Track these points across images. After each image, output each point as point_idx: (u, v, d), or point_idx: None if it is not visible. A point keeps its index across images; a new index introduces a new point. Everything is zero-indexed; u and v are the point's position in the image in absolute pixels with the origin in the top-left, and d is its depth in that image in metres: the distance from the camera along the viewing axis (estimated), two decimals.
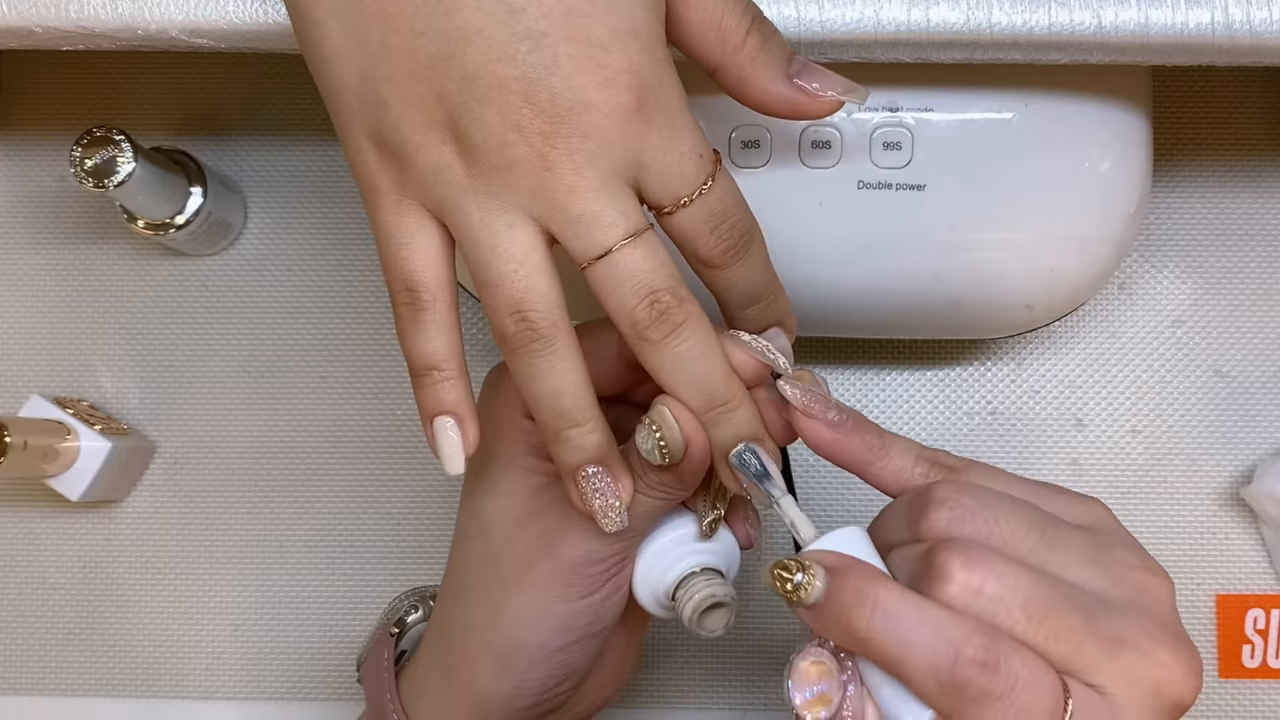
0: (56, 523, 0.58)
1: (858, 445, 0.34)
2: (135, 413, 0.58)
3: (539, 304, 0.31)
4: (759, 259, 0.34)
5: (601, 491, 0.33)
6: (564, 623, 0.36)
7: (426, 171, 0.30)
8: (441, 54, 0.29)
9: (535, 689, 0.37)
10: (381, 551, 0.57)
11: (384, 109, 0.30)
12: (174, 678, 0.57)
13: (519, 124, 0.29)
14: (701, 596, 0.36)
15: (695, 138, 0.31)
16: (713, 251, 0.33)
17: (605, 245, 0.30)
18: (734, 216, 0.33)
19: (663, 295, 0.31)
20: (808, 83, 0.34)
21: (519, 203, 0.30)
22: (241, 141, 0.59)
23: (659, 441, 0.33)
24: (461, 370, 0.33)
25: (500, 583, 0.37)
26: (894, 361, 0.57)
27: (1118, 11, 0.37)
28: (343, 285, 0.58)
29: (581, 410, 0.32)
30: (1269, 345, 0.56)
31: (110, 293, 0.58)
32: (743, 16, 0.33)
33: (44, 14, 0.38)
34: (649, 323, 0.31)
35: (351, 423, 0.58)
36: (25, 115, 0.59)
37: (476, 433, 0.34)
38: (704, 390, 0.32)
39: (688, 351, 0.32)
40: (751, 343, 0.34)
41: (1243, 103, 0.57)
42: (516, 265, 0.31)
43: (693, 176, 0.31)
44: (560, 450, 0.33)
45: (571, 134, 0.30)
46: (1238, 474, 0.56)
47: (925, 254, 0.44)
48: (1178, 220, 0.57)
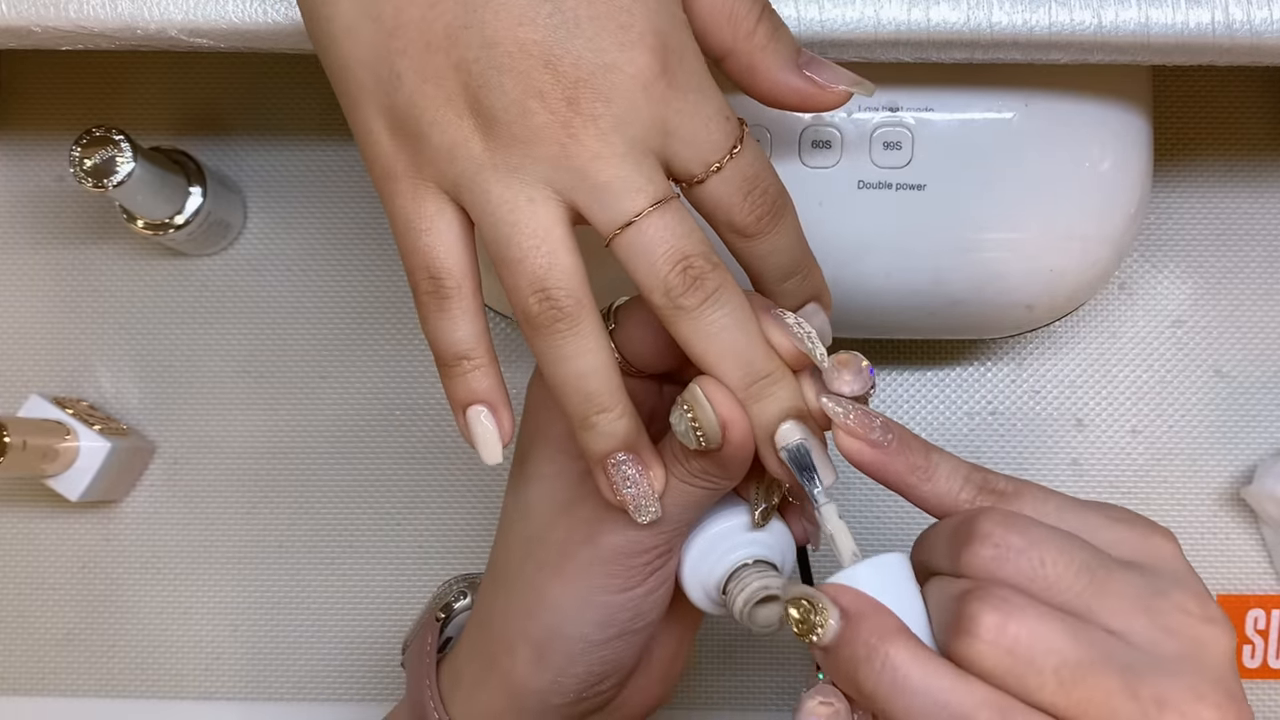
0: (56, 523, 0.58)
1: (902, 467, 0.31)
2: (135, 413, 0.58)
3: (563, 281, 0.30)
4: (793, 227, 0.33)
5: (632, 481, 0.32)
6: (604, 615, 0.35)
7: (443, 149, 0.29)
8: (460, 22, 0.28)
9: (574, 685, 0.36)
10: (381, 551, 0.57)
11: (398, 84, 0.29)
12: (174, 678, 0.57)
13: (540, 90, 0.28)
14: (754, 589, 0.34)
15: (720, 101, 0.31)
16: (748, 219, 0.31)
17: (632, 212, 0.29)
18: (765, 180, 0.32)
19: (696, 260, 0.30)
20: (816, 74, 0.33)
21: (541, 175, 0.29)
22: (241, 141, 0.59)
23: (692, 423, 0.31)
24: (491, 357, 0.32)
25: (540, 569, 0.35)
26: (894, 361, 0.57)
27: (1118, 11, 0.37)
28: (343, 285, 0.58)
29: (609, 394, 0.31)
30: (1269, 345, 0.56)
31: (110, 293, 0.58)
32: (754, 4, 0.32)
33: (44, 14, 0.38)
34: (683, 289, 0.30)
35: (351, 423, 0.58)
36: (25, 115, 0.59)
37: (512, 420, 0.32)
38: (743, 361, 0.31)
39: (724, 318, 0.30)
40: (794, 326, 0.32)
41: (1243, 103, 0.57)
42: (539, 241, 0.29)
43: (722, 141, 0.30)
44: (588, 437, 0.31)
45: (596, 98, 0.29)
46: (1238, 474, 0.56)
47: (925, 254, 0.44)
48: (1178, 220, 0.57)
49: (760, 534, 0.35)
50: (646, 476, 0.32)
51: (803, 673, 0.55)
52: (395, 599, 0.57)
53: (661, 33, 0.29)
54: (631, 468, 0.32)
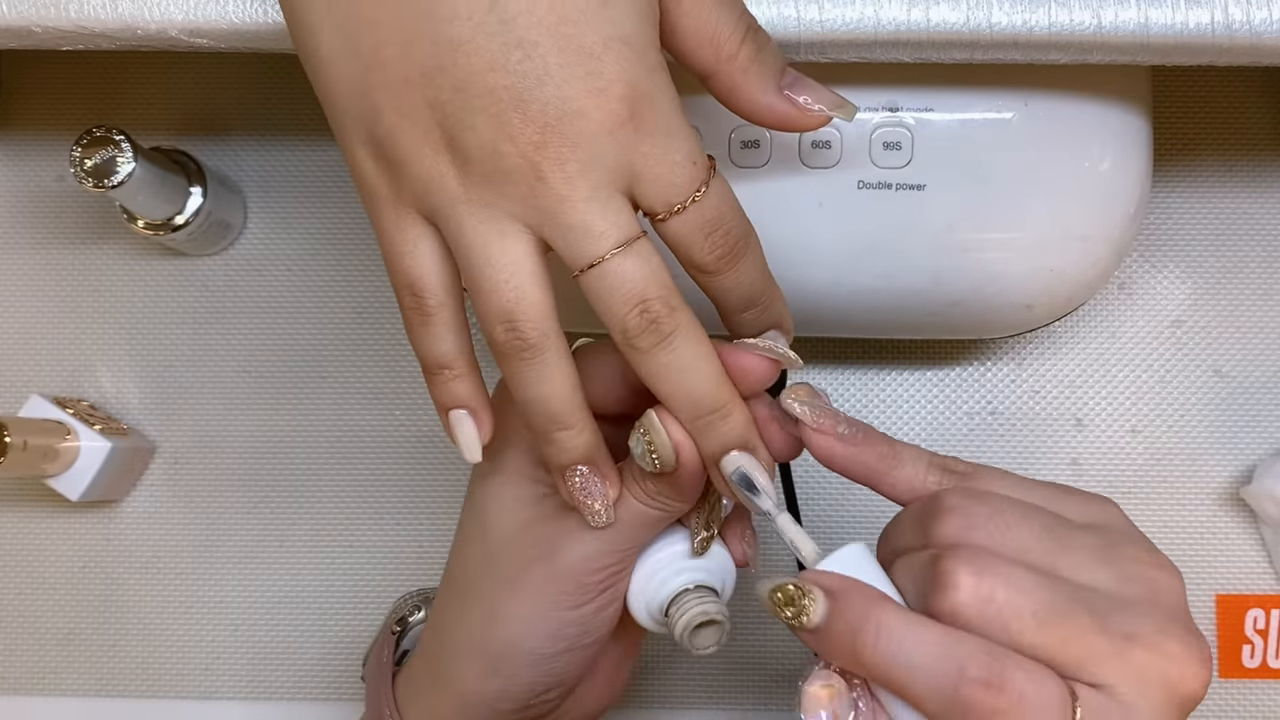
0: (56, 523, 0.58)
1: (870, 457, 0.34)
2: (135, 413, 0.58)
3: (529, 314, 0.31)
4: (754, 265, 0.34)
5: (588, 491, 0.34)
6: (556, 630, 0.37)
7: (420, 181, 0.31)
8: (434, 63, 0.29)
9: (522, 693, 0.38)
10: (381, 551, 0.57)
11: (378, 117, 0.30)
12: (174, 678, 0.57)
13: (510, 133, 0.29)
14: (693, 614, 0.37)
15: (689, 145, 0.31)
16: (707, 258, 0.33)
17: (597, 255, 0.31)
18: (728, 223, 0.33)
19: (653, 304, 0.31)
20: (798, 95, 0.34)
21: (512, 211, 0.31)
22: (241, 141, 0.59)
23: (648, 447, 0.33)
24: (471, 366, 0.34)
25: (496, 584, 0.37)
26: (894, 361, 0.57)
27: (1117, 11, 0.37)
28: (343, 285, 0.58)
29: (569, 414, 0.33)
30: (1269, 345, 0.56)
31: (110, 293, 0.58)
32: (736, 25, 0.33)
33: (44, 14, 0.38)
34: (638, 331, 0.31)
35: (351, 423, 0.58)
36: (25, 115, 0.59)
37: (491, 422, 0.35)
38: (692, 398, 0.32)
39: (677, 360, 0.32)
40: (758, 343, 0.34)
41: (1243, 103, 0.57)
42: (508, 275, 0.31)
43: (685, 184, 0.31)
44: (549, 451, 0.34)
45: (563, 143, 0.30)
46: (1238, 474, 0.56)
47: (925, 254, 0.44)
48: (1178, 220, 0.57)
49: (701, 560, 0.38)
50: (603, 487, 0.34)
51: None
52: (395, 599, 0.57)
53: (631, 80, 0.30)
54: (589, 479, 0.34)
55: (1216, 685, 0.55)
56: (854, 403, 0.57)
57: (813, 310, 0.46)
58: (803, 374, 0.57)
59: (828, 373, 0.57)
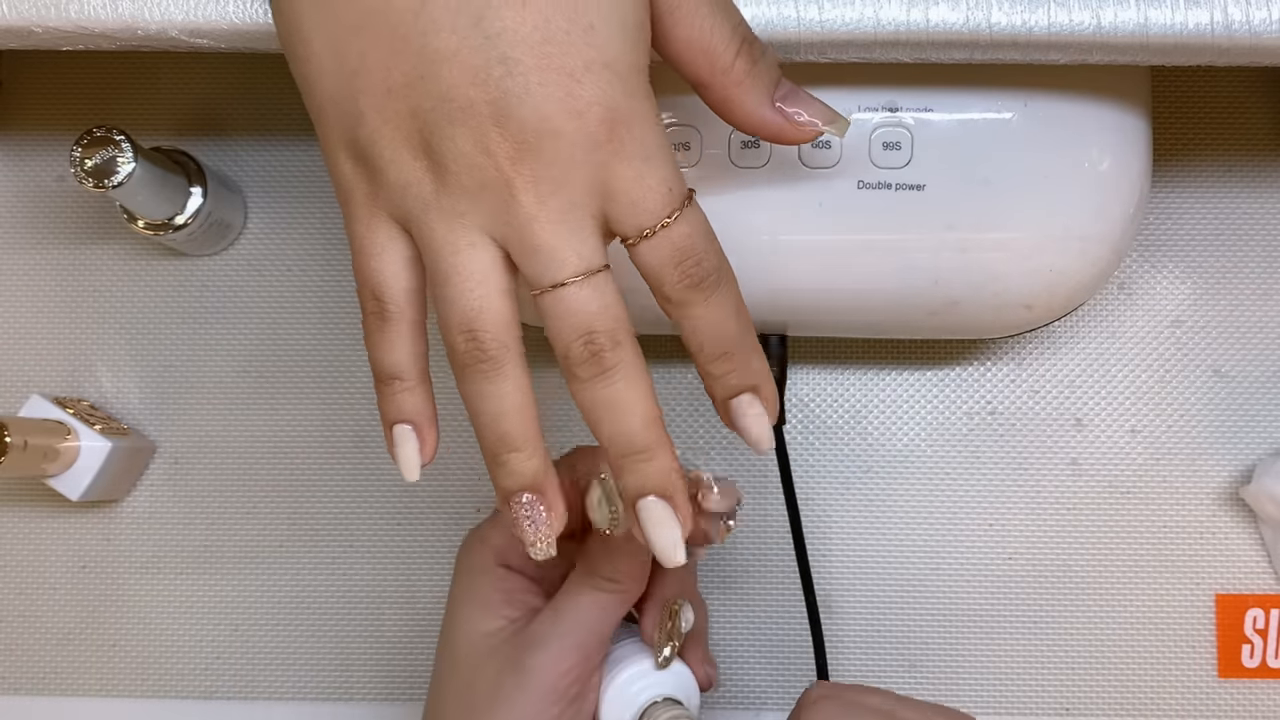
0: (56, 523, 0.58)
1: None
2: (135, 413, 0.58)
3: (491, 325, 0.31)
4: (726, 304, 0.33)
5: (533, 520, 0.34)
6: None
7: (397, 186, 0.31)
8: (417, 73, 0.30)
9: None
10: (381, 551, 0.57)
11: (360, 121, 0.31)
12: (174, 678, 0.57)
13: (488, 147, 0.30)
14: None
15: (665, 171, 0.32)
16: (674, 288, 0.32)
17: (556, 280, 0.31)
18: (699, 253, 0.32)
19: (599, 337, 0.31)
20: (791, 109, 0.34)
21: (483, 223, 0.31)
22: (241, 141, 0.59)
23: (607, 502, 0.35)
24: (422, 379, 0.34)
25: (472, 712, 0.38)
26: (894, 361, 0.57)
27: (1117, 11, 0.37)
28: (343, 285, 0.58)
29: (521, 436, 0.33)
30: (1269, 345, 0.56)
31: (110, 293, 0.59)
32: (731, 38, 0.33)
33: (44, 14, 0.38)
34: (580, 360, 0.32)
35: (351, 423, 0.58)
36: (25, 115, 0.59)
37: (434, 441, 0.35)
38: (621, 436, 0.32)
39: (613, 395, 0.32)
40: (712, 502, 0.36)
41: (1243, 103, 0.57)
42: (474, 284, 0.31)
43: (656, 209, 0.31)
44: (497, 474, 0.33)
45: (538, 161, 0.30)
46: (1237, 474, 0.56)
47: (925, 254, 0.44)
48: (1178, 220, 0.57)
49: (666, 674, 0.42)
50: (548, 517, 0.34)
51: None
52: (395, 599, 0.57)
53: (610, 104, 0.30)
54: (534, 508, 0.34)
55: (1216, 685, 0.55)
56: (854, 403, 0.57)
57: (813, 310, 0.46)
58: (803, 374, 0.57)
59: (829, 373, 0.57)
